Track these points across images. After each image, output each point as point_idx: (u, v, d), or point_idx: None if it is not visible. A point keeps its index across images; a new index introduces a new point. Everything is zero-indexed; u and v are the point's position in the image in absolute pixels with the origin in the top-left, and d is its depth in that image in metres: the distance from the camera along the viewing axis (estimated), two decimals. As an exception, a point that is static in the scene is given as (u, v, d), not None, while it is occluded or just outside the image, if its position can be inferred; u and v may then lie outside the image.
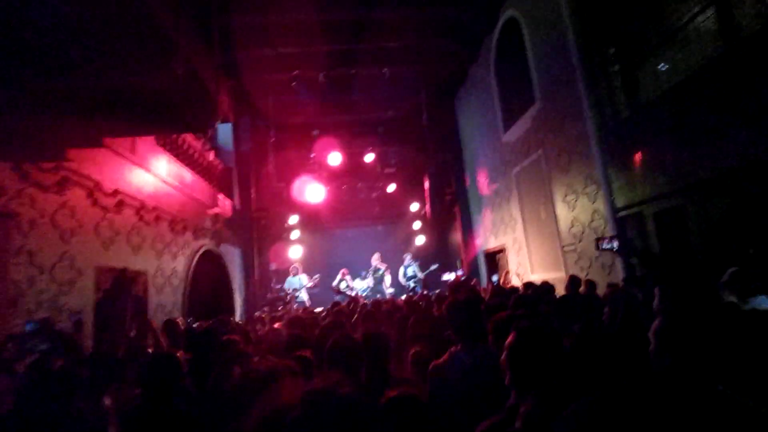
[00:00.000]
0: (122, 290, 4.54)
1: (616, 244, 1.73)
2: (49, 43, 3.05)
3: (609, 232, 5.33)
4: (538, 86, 6.88)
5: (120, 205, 5.14)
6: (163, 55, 3.39)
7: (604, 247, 1.80)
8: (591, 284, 4.69)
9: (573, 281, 4.86)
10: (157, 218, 6.06)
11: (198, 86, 3.93)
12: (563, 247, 6.49)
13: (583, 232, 5.97)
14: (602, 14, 5.48)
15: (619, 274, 5.10)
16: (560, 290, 4.78)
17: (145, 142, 5.61)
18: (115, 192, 5.01)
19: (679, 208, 4.48)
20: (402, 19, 8.14)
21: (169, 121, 4.08)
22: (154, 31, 3.25)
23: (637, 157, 5.04)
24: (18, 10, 2.71)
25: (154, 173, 5.79)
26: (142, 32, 3.24)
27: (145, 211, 5.71)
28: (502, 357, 1.43)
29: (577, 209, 6.09)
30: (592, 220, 5.74)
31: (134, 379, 2.05)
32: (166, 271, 6.34)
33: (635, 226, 5.09)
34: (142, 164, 5.49)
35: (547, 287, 4.61)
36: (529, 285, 5.20)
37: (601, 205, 5.54)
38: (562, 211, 6.49)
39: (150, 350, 3.87)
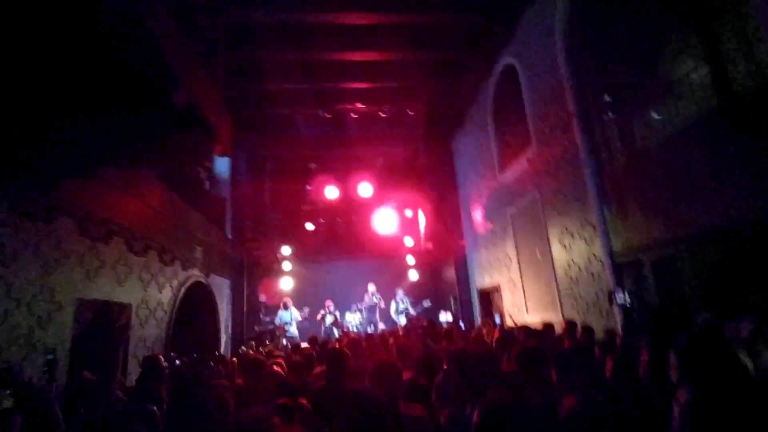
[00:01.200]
0: (111, 327, 4.32)
1: (628, 298, 1.65)
2: (50, 70, 3.04)
3: (607, 277, 5.28)
4: (534, 130, 7.02)
5: (109, 234, 5.00)
6: (165, 88, 3.39)
7: (618, 302, 1.72)
8: (588, 331, 4.57)
9: (570, 327, 4.75)
10: (146, 248, 5.90)
11: (198, 120, 3.92)
12: (560, 289, 6.41)
13: (580, 276, 5.92)
14: (598, 64, 5.68)
15: (615, 319, 5.01)
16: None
17: (142, 175, 5.55)
18: (105, 221, 4.88)
19: (675, 258, 4.46)
20: (402, 61, 8.40)
21: (168, 153, 4.04)
22: (159, 65, 3.27)
23: (634, 203, 5.07)
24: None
25: (147, 203, 5.69)
26: (146, 66, 3.25)
27: (135, 240, 5.57)
28: None
29: (574, 252, 6.06)
30: (589, 264, 5.70)
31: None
32: (152, 303, 6.10)
33: (633, 273, 5.05)
34: (135, 194, 5.40)
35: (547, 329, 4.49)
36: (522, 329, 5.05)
37: (597, 249, 5.52)
38: (559, 253, 6.46)
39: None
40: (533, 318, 7.01)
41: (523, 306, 7.67)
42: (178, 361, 5.60)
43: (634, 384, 2.35)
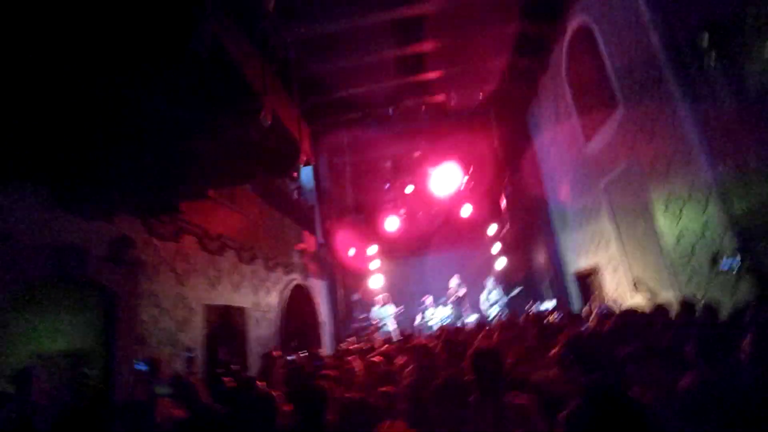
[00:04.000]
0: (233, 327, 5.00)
1: (737, 262, 1.40)
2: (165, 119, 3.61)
3: (729, 244, 4.63)
4: (620, 91, 6.39)
5: (223, 247, 5.74)
6: (252, 111, 3.81)
7: (723, 267, 1.47)
8: (710, 309, 4.01)
9: (686, 306, 4.25)
10: (253, 257, 6.63)
11: (283, 134, 4.33)
12: (672, 264, 5.77)
13: (695, 246, 5.27)
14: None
15: (745, 294, 4.36)
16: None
17: (242, 190, 6.27)
18: (219, 236, 5.62)
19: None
20: (462, 44, 8.23)
21: (259, 168, 4.53)
22: (246, 92, 3.69)
23: (754, 156, 4.38)
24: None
25: (250, 217, 6.40)
26: (235, 93, 3.69)
27: (244, 251, 6.30)
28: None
29: (684, 220, 5.41)
30: (705, 231, 5.05)
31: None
32: (263, 305, 6.84)
33: (762, 238, 4.36)
34: (240, 210, 6.11)
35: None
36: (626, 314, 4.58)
37: (713, 213, 4.86)
38: (666, 224, 5.81)
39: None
40: (642, 300, 6.39)
41: (630, 286, 7.02)
42: (291, 357, 6.21)
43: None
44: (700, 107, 4.94)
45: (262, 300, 6.84)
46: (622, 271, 7.21)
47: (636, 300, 6.53)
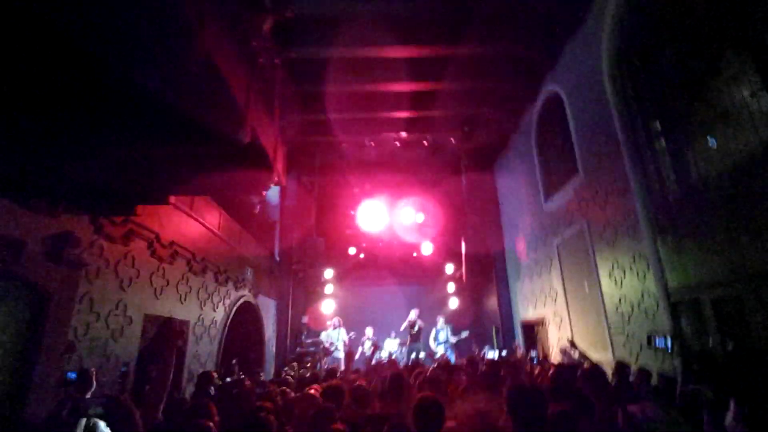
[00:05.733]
0: (168, 341, 4.68)
1: (670, 342, 1.54)
2: (136, 117, 3.48)
3: (661, 317, 5.01)
4: (581, 158, 6.91)
5: (174, 255, 5.47)
6: (231, 126, 3.76)
7: (657, 345, 1.62)
8: (643, 374, 4.32)
9: (621, 369, 4.52)
10: (204, 269, 6.35)
11: (259, 152, 4.28)
12: (610, 327, 6.12)
13: (632, 313, 5.65)
14: (646, 91, 5.55)
15: (674, 362, 4.71)
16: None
17: (202, 198, 6.06)
18: (171, 243, 5.35)
19: (739, 298, 4.18)
20: (445, 90, 8.63)
21: (228, 183, 4.43)
22: (229, 105, 3.65)
23: (691, 237, 4.84)
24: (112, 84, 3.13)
25: (207, 226, 6.17)
26: (218, 108, 3.63)
27: (195, 261, 6.02)
28: None
29: (625, 287, 5.81)
30: (642, 301, 5.44)
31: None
32: (207, 320, 6.51)
33: (691, 314, 4.77)
34: (198, 218, 5.89)
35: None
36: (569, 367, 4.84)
37: (651, 285, 5.27)
38: (608, 288, 6.21)
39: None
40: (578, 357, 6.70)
41: (567, 343, 7.35)
42: (228, 379, 5.89)
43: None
44: (649, 185, 5.43)
45: (207, 315, 6.51)
46: (566, 326, 7.55)
47: (576, 356, 6.83)
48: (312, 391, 3.89)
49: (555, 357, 7.74)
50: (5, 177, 3.15)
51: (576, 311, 7.27)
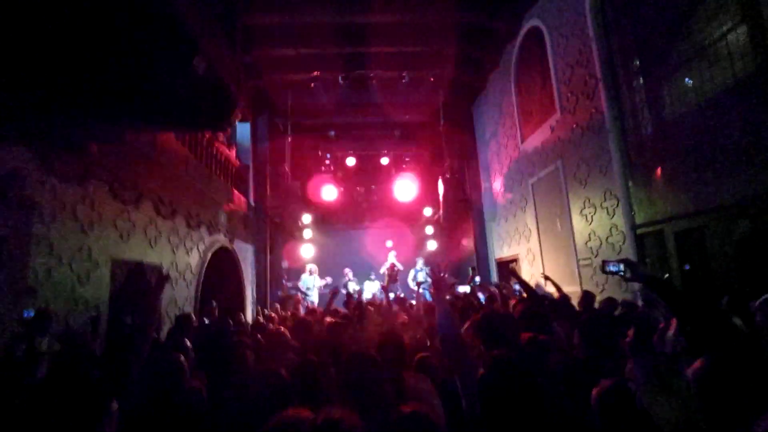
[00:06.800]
0: (150, 287, 4.62)
1: (622, 267, 1.58)
2: (78, 44, 3.12)
3: (627, 248, 5.21)
4: (559, 97, 6.78)
5: (138, 198, 5.24)
6: (185, 55, 3.43)
7: (609, 269, 1.67)
8: (610, 302, 4.53)
9: (587, 297, 4.76)
10: (174, 212, 6.15)
11: (218, 85, 3.97)
12: (579, 260, 6.37)
13: (600, 247, 5.86)
14: (627, 27, 5.37)
15: (635, 291, 4.98)
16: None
17: (167, 139, 5.72)
18: (134, 185, 5.11)
19: (701, 229, 4.34)
20: (423, 24, 8.13)
21: (188, 119, 4.14)
22: (178, 31, 3.29)
23: (659, 174, 4.92)
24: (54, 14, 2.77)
25: (173, 169, 5.88)
26: (166, 32, 3.28)
27: (163, 204, 5.81)
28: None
29: (595, 223, 5.98)
30: (610, 235, 5.62)
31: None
32: (181, 265, 6.43)
33: (655, 245, 4.97)
34: (162, 160, 5.59)
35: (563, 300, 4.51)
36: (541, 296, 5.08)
37: (619, 220, 5.43)
38: (579, 224, 6.38)
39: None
40: (552, 290, 7.01)
41: (541, 278, 7.66)
42: (207, 320, 5.94)
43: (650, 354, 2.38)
44: (624, 123, 5.41)
45: (180, 259, 6.42)
46: (538, 262, 7.83)
47: (549, 290, 7.14)
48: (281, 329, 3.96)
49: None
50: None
51: (548, 248, 7.51)
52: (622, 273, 1.98)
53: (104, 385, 1.32)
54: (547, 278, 7.20)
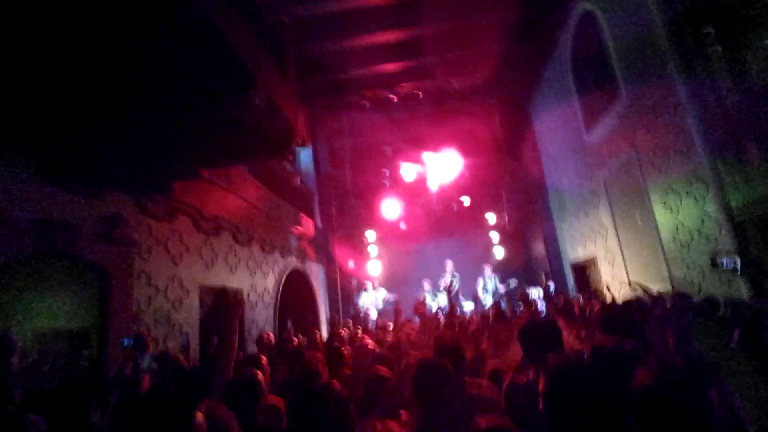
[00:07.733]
0: (229, 310, 5.04)
1: (738, 261, 1.37)
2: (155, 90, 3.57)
3: (725, 240, 4.60)
4: (623, 80, 6.29)
5: (218, 229, 5.75)
6: (244, 90, 3.77)
7: (724, 267, 1.45)
8: (713, 303, 3.97)
9: (681, 300, 4.24)
10: (250, 240, 6.64)
11: (277, 115, 4.29)
12: (667, 258, 5.75)
13: (691, 240, 5.24)
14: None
15: (742, 289, 4.35)
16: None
17: (238, 172, 6.25)
18: (214, 218, 5.62)
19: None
20: (464, 29, 8.08)
21: (252, 149, 4.51)
22: (238, 70, 3.63)
23: (756, 149, 4.32)
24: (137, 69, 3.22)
25: (246, 199, 6.39)
26: (227, 70, 3.63)
27: (240, 233, 6.31)
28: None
29: (682, 213, 5.38)
30: (703, 225, 5.02)
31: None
32: (259, 288, 6.88)
33: (759, 232, 4.34)
34: (236, 191, 6.10)
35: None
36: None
37: (711, 207, 4.83)
38: (663, 217, 5.78)
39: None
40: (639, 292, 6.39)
41: (625, 278, 7.02)
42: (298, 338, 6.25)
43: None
44: (702, 98, 4.87)
45: (258, 283, 6.88)
46: (619, 262, 7.20)
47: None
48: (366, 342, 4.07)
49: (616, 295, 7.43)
50: (51, 165, 3.40)
51: (629, 246, 6.88)
52: (738, 268, 1.76)
53: (190, 400, 1.46)
54: (638, 285, 6.54)
